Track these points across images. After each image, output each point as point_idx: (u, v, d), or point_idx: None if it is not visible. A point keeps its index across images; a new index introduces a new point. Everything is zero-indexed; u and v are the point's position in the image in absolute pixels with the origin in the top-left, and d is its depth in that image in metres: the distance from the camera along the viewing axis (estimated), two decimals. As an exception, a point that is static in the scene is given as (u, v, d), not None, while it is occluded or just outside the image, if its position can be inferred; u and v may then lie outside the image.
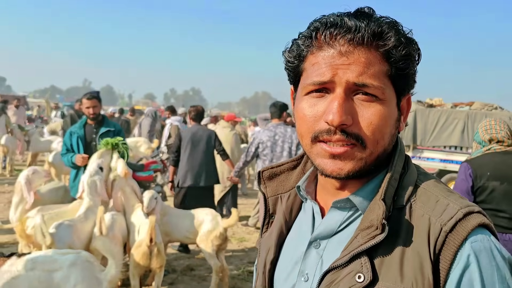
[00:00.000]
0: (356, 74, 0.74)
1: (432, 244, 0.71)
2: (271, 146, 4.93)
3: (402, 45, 0.75)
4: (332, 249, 0.82)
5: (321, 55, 0.77)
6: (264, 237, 0.97)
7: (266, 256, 0.93)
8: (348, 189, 0.83)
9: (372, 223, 0.74)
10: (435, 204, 0.75)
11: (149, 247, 3.48)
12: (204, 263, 5.29)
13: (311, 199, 0.89)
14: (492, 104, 9.06)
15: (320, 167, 0.79)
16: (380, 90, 0.75)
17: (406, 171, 0.82)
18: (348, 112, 0.74)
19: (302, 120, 0.80)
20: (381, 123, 0.76)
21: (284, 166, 0.98)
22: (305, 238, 0.87)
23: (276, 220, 0.95)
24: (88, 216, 3.63)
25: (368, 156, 0.77)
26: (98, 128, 4.79)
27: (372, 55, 0.75)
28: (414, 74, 0.80)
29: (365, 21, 0.75)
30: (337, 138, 0.75)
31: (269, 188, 0.97)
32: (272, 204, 0.97)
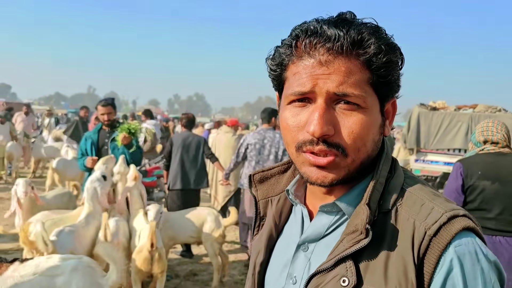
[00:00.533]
0: (336, 84, 0.74)
1: (416, 248, 0.71)
2: (258, 149, 5.22)
3: (383, 52, 0.74)
4: (319, 253, 0.82)
5: (301, 65, 0.77)
6: (255, 240, 0.98)
7: (256, 258, 0.94)
8: (335, 194, 0.84)
9: (357, 227, 0.75)
10: (420, 207, 0.75)
11: (150, 252, 3.49)
12: (207, 268, 5.29)
13: (299, 203, 0.90)
14: (496, 106, 9.04)
15: (306, 175, 0.80)
16: (361, 99, 0.75)
17: (393, 175, 0.82)
18: (329, 123, 0.75)
19: (286, 130, 0.81)
20: (362, 131, 0.76)
21: (274, 169, 0.99)
22: (294, 241, 0.88)
23: (267, 223, 0.96)
24: (89, 222, 3.65)
25: (350, 163, 0.77)
26: (111, 133, 4.91)
27: (353, 64, 0.74)
28: (397, 79, 0.80)
29: (345, 28, 0.74)
30: (319, 148, 0.75)
31: (260, 191, 0.98)
32: (263, 207, 0.97)
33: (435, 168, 8.77)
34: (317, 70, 0.74)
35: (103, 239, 3.38)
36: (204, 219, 4.65)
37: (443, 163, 8.81)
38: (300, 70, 0.77)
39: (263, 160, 5.22)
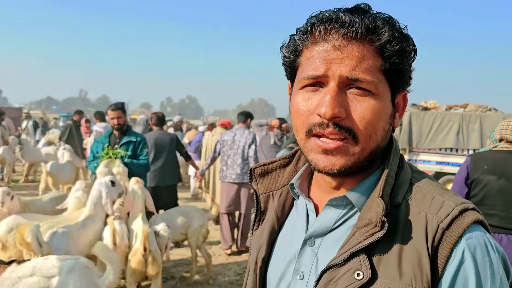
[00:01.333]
0: (349, 69, 0.74)
1: (430, 241, 0.72)
2: (230, 144, 5.88)
3: (396, 40, 0.75)
4: (327, 247, 0.82)
5: (315, 50, 0.77)
6: (255, 235, 0.97)
7: (257, 253, 0.93)
8: (344, 187, 0.83)
9: (370, 220, 0.74)
10: (431, 201, 0.76)
11: (144, 255, 3.51)
12: (202, 269, 5.29)
13: (305, 197, 0.89)
14: (487, 106, 9.14)
15: (313, 162, 0.79)
16: (373, 85, 0.75)
17: (401, 169, 0.83)
18: (340, 105, 0.74)
19: (297, 114, 0.80)
20: (374, 117, 0.76)
21: (276, 163, 0.99)
22: (299, 236, 0.87)
23: (268, 218, 0.95)
24: (86, 224, 3.64)
25: (360, 151, 0.77)
26: (122, 138, 4.92)
27: (366, 50, 0.75)
28: (409, 70, 0.80)
29: (360, 16, 0.75)
30: (329, 131, 0.75)
31: (261, 186, 0.97)
32: (264, 202, 0.97)
33: (427, 167, 8.83)
34: (331, 54, 0.75)
35: (112, 244, 3.39)
36: (192, 215, 4.85)
37: (435, 162, 8.88)
38: (314, 54, 0.77)
39: (233, 153, 5.84)
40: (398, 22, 0.78)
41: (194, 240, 4.85)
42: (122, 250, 3.60)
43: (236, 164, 5.87)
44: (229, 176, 5.92)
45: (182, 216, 4.81)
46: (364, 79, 0.74)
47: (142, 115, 10.94)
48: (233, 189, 5.98)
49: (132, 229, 3.87)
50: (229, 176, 5.92)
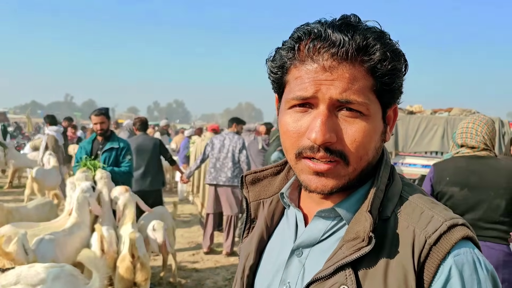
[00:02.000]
0: (340, 91, 0.72)
1: (417, 256, 0.70)
2: (219, 148, 6.05)
3: (388, 59, 0.73)
4: (314, 258, 0.81)
5: (304, 69, 0.74)
6: (245, 242, 0.96)
7: (245, 261, 0.92)
8: (333, 198, 0.82)
9: (358, 234, 0.73)
10: (420, 215, 0.75)
11: (132, 262, 3.48)
12: (190, 275, 5.27)
13: (294, 207, 0.88)
14: (470, 110, 9.27)
15: (305, 183, 0.78)
16: (365, 106, 0.73)
17: (391, 182, 0.81)
18: (331, 130, 0.73)
19: (286, 135, 0.78)
20: (365, 139, 0.74)
21: (267, 171, 0.97)
22: (287, 246, 0.86)
23: (257, 226, 0.94)
24: (73, 231, 3.61)
25: (351, 172, 0.76)
26: (105, 144, 4.90)
27: (357, 71, 0.72)
28: (401, 86, 0.78)
29: (350, 33, 0.72)
30: (320, 155, 0.74)
31: (252, 193, 0.96)
32: (254, 209, 0.96)
33: (413, 170, 8.91)
34: (320, 75, 0.73)
35: (100, 250, 3.36)
36: (165, 216, 4.94)
37: (420, 165, 8.97)
38: (302, 74, 0.75)
39: (222, 157, 6.02)
40: (389, 37, 0.76)
41: (171, 239, 4.95)
42: (111, 256, 3.57)
43: (227, 167, 6.01)
44: (219, 178, 6.03)
45: (159, 219, 4.80)
46: (355, 101, 0.72)
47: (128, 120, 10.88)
48: (221, 192, 6.10)
49: (120, 235, 3.85)
50: (219, 178, 6.03)
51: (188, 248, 6.41)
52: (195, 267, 5.60)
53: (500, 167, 2.68)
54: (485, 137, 2.74)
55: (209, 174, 6.14)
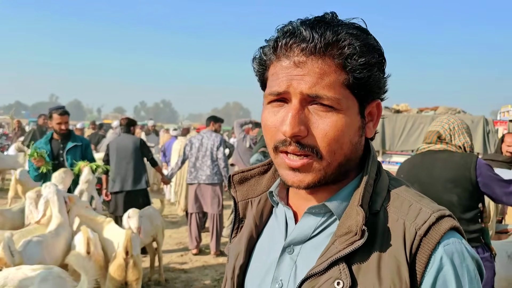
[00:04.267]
0: (310, 85, 0.73)
1: (408, 248, 0.72)
2: (198, 147, 6.12)
3: (358, 53, 0.74)
4: (306, 255, 0.81)
5: (278, 66, 0.77)
6: (234, 242, 0.96)
7: (235, 261, 0.92)
8: (321, 194, 0.83)
9: (350, 229, 0.74)
10: (408, 208, 0.77)
11: (125, 259, 3.45)
12: (178, 276, 5.25)
13: (284, 205, 0.88)
14: (456, 108, 9.39)
15: (283, 177, 0.80)
16: (335, 101, 0.74)
17: (379, 176, 0.83)
18: (301, 123, 0.74)
19: (265, 129, 0.81)
20: (337, 133, 0.75)
21: (254, 170, 0.98)
22: (278, 244, 0.86)
23: (246, 225, 0.94)
24: (59, 233, 3.56)
25: (326, 166, 0.77)
26: (65, 143, 4.76)
27: (327, 65, 0.74)
28: (378, 81, 0.78)
29: (321, 29, 0.74)
30: (292, 149, 0.75)
31: (239, 192, 0.97)
32: (242, 209, 0.96)
33: (400, 169, 8.99)
34: (292, 71, 0.75)
35: (85, 252, 3.32)
36: (154, 216, 4.95)
37: (407, 164, 9.05)
38: (277, 70, 0.77)
39: (201, 155, 6.08)
40: (366, 32, 0.77)
41: (161, 238, 5.01)
42: (96, 258, 3.53)
43: (206, 165, 6.05)
44: (199, 177, 6.06)
45: (149, 219, 4.82)
46: (325, 96, 0.73)
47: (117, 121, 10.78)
48: (202, 190, 6.13)
49: (105, 237, 3.80)
50: (199, 177, 6.06)
51: (176, 249, 6.37)
52: (183, 268, 5.57)
53: (449, 160, 2.54)
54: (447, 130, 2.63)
55: (189, 173, 6.15)
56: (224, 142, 6.30)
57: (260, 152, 5.55)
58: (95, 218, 3.84)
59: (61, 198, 3.67)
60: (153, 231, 4.83)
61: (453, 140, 2.62)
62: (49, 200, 3.65)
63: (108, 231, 3.86)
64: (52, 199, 3.65)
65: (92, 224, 3.87)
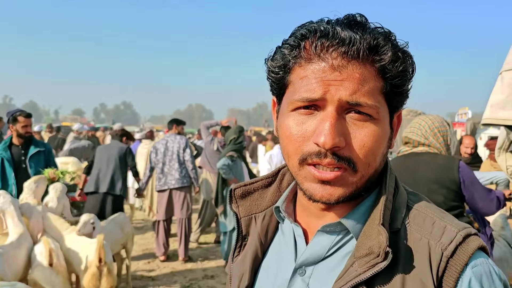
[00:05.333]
0: (350, 92, 0.67)
1: (435, 270, 0.67)
2: (164, 151, 6.00)
3: (400, 60, 0.70)
4: (319, 277, 0.76)
5: (310, 68, 0.69)
6: (236, 262, 0.89)
7: (239, 282, 0.85)
8: (337, 210, 0.77)
9: (371, 250, 0.69)
10: (432, 226, 0.72)
11: (99, 267, 3.30)
12: (147, 284, 5.11)
13: (292, 221, 0.82)
14: (416, 110, 9.60)
15: (308, 192, 0.72)
16: (375, 109, 0.69)
17: (397, 191, 0.78)
18: (340, 134, 0.68)
19: (289, 140, 0.73)
20: (374, 145, 0.70)
21: (258, 183, 0.91)
22: (287, 264, 0.80)
23: (250, 243, 0.88)
24: (20, 243, 3.38)
25: (358, 180, 0.71)
26: (27, 148, 4.52)
27: (367, 71, 0.68)
28: (408, 90, 0.75)
29: (359, 32, 0.68)
30: (327, 161, 0.68)
31: (242, 208, 0.89)
32: (245, 225, 0.89)
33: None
34: (329, 75, 0.68)
35: (47, 264, 3.14)
36: (124, 222, 4.81)
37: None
38: (308, 74, 0.70)
39: (168, 161, 5.96)
40: (396, 38, 0.72)
41: (130, 246, 4.89)
42: (59, 270, 3.34)
43: (174, 169, 5.95)
44: (169, 182, 5.94)
45: (119, 226, 4.69)
46: (366, 104, 0.68)
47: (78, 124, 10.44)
48: (172, 195, 6.01)
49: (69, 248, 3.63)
50: (169, 182, 5.94)
51: (143, 256, 6.21)
52: (151, 275, 5.43)
53: (433, 161, 2.55)
54: (427, 131, 2.64)
55: (158, 180, 6.01)
56: (189, 143, 6.21)
57: (228, 156, 5.45)
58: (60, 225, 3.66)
59: (17, 207, 3.48)
60: (124, 239, 4.68)
61: (431, 143, 2.63)
62: (5, 210, 3.44)
63: (70, 241, 3.69)
64: (8, 209, 3.45)
65: (53, 234, 3.69)
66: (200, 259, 6.12)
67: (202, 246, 6.80)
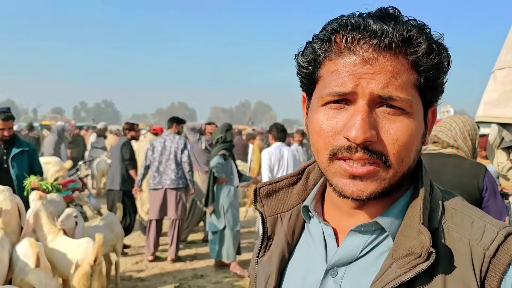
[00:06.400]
0: (382, 85, 0.65)
1: (478, 271, 0.65)
2: (161, 150, 5.92)
3: (434, 52, 0.67)
4: (352, 278, 0.73)
5: (341, 62, 0.68)
6: (262, 262, 0.86)
7: (265, 284, 0.83)
8: (368, 209, 0.75)
9: (412, 250, 0.66)
10: (471, 226, 0.70)
11: (92, 266, 3.20)
12: (136, 284, 5.05)
13: (321, 221, 0.80)
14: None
15: (338, 187, 0.70)
16: (408, 103, 0.67)
17: (432, 190, 0.76)
18: (372, 128, 0.66)
19: (319, 135, 0.71)
20: (408, 139, 0.68)
21: (283, 182, 0.88)
22: (317, 265, 0.78)
23: (276, 243, 0.85)
24: (3, 245, 3.25)
25: (392, 176, 0.69)
26: (9, 148, 4.38)
27: (400, 63, 0.66)
28: (443, 83, 0.72)
29: (392, 24, 0.66)
30: (358, 156, 0.67)
31: (267, 207, 0.87)
32: (271, 225, 0.86)
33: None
34: (360, 68, 0.66)
35: (33, 266, 3.04)
36: (113, 223, 4.76)
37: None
38: (339, 68, 0.68)
39: (165, 160, 5.89)
40: (430, 30, 0.70)
41: (120, 246, 4.83)
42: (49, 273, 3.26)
43: (170, 169, 5.86)
44: (164, 182, 5.86)
45: (109, 227, 4.62)
46: (398, 97, 0.66)
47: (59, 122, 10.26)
48: (165, 195, 5.92)
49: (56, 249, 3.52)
50: (164, 182, 5.86)
51: (130, 256, 6.13)
52: (140, 276, 5.34)
53: (460, 166, 2.50)
54: (457, 133, 2.57)
55: (153, 178, 5.92)
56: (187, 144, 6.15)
57: (220, 154, 5.42)
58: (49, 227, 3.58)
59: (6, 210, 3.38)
60: (113, 240, 4.58)
61: (459, 145, 2.57)
62: None
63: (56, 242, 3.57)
64: None
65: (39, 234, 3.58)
66: (189, 259, 6.05)
67: (190, 246, 6.75)
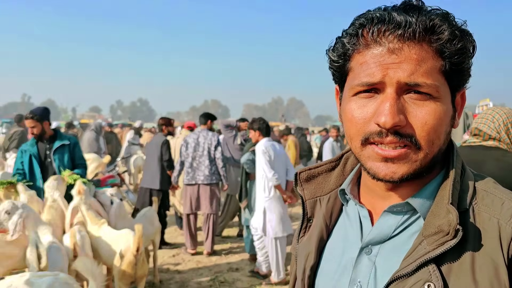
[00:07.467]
0: (408, 73, 0.69)
1: (506, 249, 0.68)
2: (194, 146, 6.00)
3: (457, 38, 0.71)
4: (385, 255, 0.78)
5: (369, 54, 0.72)
6: (302, 242, 0.93)
7: (305, 262, 0.89)
8: (401, 191, 0.79)
9: (441, 228, 0.70)
10: (501, 206, 0.72)
11: (135, 256, 3.38)
12: (173, 276, 5.17)
13: (357, 203, 0.85)
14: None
15: (372, 170, 0.74)
16: (434, 88, 0.70)
17: (464, 172, 0.79)
18: (400, 112, 0.70)
19: (351, 122, 0.76)
20: (436, 122, 0.71)
21: (322, 167, 0.95)
22: (353, 244, 0.83)
23: (315, 224, 0.91)
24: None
25: (423, 158, 0.72)
26: (52, 143, 4.60)
27: (425, 51, 0.70)
28: (470, 67, 0.75)
29: (415, 15, 0.70)
30: (389, 140, 0.71)
31: (307, 191, 0.94)
32: (310, 208, 0.93)
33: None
34: (387, 58, 0.70)
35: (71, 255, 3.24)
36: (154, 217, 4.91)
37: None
38: (367, 59, 0.72)
39: (198, 156, 5.97)
40: (455, 18, 0.73)
41: (158, 239, 4.99)
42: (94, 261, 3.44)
43: (204, 165, 5.96)
44: (197, 177, 5.97)
45: (149, 221, 4.77)
46: (424, 83, 0.70)
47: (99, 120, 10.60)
48: (199, 190, 6.04)
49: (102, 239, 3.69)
50: (197, 177, 5.97)
51: (167, 249, 6.28)
52: (177, 268, 5.49)
53: (503, 159, 2.42)
54: (501, 125, 2.46)
55: (186, 174, 6.04)
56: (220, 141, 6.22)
57: (251, 151, 5.48)
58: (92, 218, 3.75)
59: None
60: (153, 234, 4.76)
61: (502, 137, 2.47)
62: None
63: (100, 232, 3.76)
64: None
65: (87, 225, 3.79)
66: (224, 253, 6.16)
67: (225, 240, 6.85)
